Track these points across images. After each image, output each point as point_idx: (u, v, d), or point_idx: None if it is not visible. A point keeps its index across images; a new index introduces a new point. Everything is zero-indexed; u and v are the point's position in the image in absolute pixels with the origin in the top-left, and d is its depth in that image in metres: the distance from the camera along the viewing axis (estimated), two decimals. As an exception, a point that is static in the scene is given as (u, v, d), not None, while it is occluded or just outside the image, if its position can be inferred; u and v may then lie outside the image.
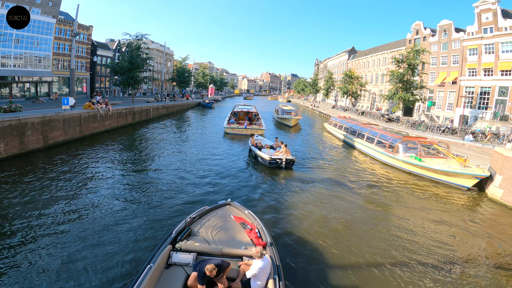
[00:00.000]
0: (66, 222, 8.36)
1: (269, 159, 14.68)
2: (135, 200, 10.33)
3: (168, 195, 10.92)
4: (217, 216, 7.16)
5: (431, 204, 11.52)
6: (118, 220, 8.66)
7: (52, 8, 37.94)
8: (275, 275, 5.09)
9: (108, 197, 10.39)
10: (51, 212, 8.90)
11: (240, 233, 6.52)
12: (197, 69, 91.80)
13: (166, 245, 5.66)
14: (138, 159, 16.48)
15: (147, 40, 41.34)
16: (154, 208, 9.71)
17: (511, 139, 19.70)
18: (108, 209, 9.44)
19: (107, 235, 7.80)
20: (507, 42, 27.93)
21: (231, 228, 6.71)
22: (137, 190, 11.35)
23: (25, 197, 9.90)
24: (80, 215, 8.90)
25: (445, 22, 35.87)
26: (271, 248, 5.85)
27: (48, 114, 17.49)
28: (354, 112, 46.55)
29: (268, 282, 5.08)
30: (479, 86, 30.64)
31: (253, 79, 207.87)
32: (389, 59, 46.03)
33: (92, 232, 7.92)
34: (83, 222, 8.42)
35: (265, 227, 6.59)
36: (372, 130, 20.76)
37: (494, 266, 7.41)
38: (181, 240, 5.99)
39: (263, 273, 5.10)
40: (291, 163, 15.04)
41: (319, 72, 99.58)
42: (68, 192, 10.61)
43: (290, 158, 14.86)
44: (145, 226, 8.43)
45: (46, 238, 7.46)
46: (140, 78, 35.33)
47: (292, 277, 6.42)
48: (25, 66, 35.34)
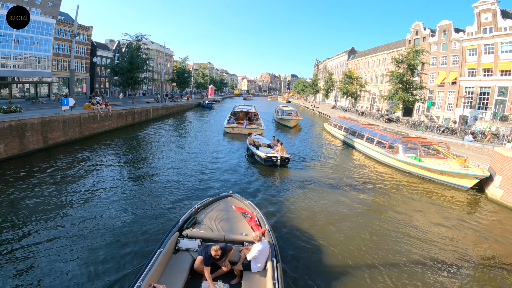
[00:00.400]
0: (74, 219, 8.40)
1: (265, 157, 15.12)
2: (139, 196, 10.56)
3: (171, 190, 11.44)
4: (220, 206, 7.79)
5: (431, 204, 11.52)
6: (125, 215, 9.01)
7: (51, 8, 37.95)
8: (273, 257, 5.65)
9: (112, 195, 10.47)
10: (55, 210, 8.91)
11: (241, 222, 7.12)
12: (197, 69, 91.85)
13: (173, 232, 6.24)
14: (139, 158, 16.48)
15: (147, 41, 41.39)
16: (158, 200, 10.35)
17: (510, 139, 19.70)
18: (114, 205, 9.62)
19: (116, 228, 8.20)
20: (507, 42, 27.96)
21: (233, 217, 7.30)
22: (140, 187, 11.58)
23: (26, 197, 9.89)
24: (87, 212, 8.97)
25: (445, 23, 35.91)
26: (269, 234, 6.40)
27: (48, 114, 17.49)
28: (354, 112, 46.54)
29: (266, 264, 5.65)
30: (479, 86, 30.68)
31: (253, 80, 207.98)
32: (388, 60, 46.05)
33: (103, 226, 8.24)
34: (90, 220, 8.47)
35: (264, 216, 7.20)
36: (372, 130, 20.76)
37: (494, 266, 7.41)
38: (187, 228, 6.59)
39: (262, 255, 5.69)
40: (286, 161, 15.45)
41: (319, 72, 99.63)
42: (71, 191, 10.61)
43: (285, 156, 15.25)
44: (151, 217, 9.02)
45: (53, 235, 7.47)
46: (140, 79, 35.31)
47: (288, 260, 7.05)
48: (25, 66, 35.34)
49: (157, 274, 5.08)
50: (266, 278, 5.35)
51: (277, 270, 5.25)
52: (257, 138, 19.72)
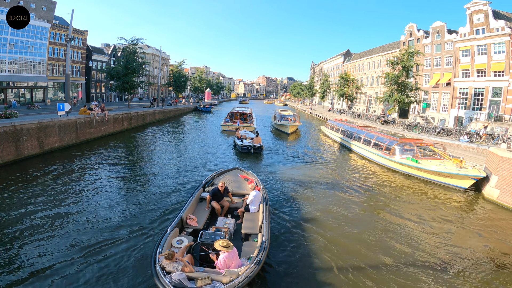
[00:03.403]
0: (71, 224, 8.31)
1: (241, 145, 19.04)
2: (142, 189, 11.03)
3: (174, 178, 13.57)
4: (230, 174, 11.13)
5: (428, 205, 11.58)
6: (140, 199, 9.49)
7: (46, 12, 37.82)
8: (264, 202, 8.44)
9: (111, 197, 10.40)
10: (53, 216, 8.83)
11: (243, 183, 10.37)
12: (193, 73, 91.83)
13: (199, 188, 9.62)
14: (137, 161, 16.43)
15: (142, 45, 41.32)
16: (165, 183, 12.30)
17: (505, 139, 19.91)
18: (119, 202, 9.54)
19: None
20: (499, 43, 28.26)
21: (238, 180, 10.59)
22: (143, 183, 12.08)
23: (22, 204, 9.77)
24: (90, 212, 8.95)
25: (438, 24, 36.25)
26: (263, 190, 9.42)
27: (43, 120, 17.36)
28: (351, 114, 46.71)
29: (260, 206, 8.40)
30: (473, 87, 31.00)
31: (250, 83, 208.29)
32: (384, 61, 46.38)
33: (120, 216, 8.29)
34: (90, 220, 8.37)
35: (260, 181, 10.38)
36: (368, 132, 20.86)
37: (491, 266, 7.46)
38: (207, 186, 10.15)
39: (256, 199, 8.49)
40: (259, 150, 19.07)
41: (315, 75, 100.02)
42: (67, 196, 10.51)
43: (257, 145, 18.80)
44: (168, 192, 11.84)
45: (52, 241, 7.39)
46: (136, 83, 35.20)
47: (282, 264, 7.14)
48: (19, 71, 35.12)
49: (190, 211, 8.18)
50: (258, 213, 8.15)
51: (266, 209, 8.00)
52: (246, 133, 22.79)
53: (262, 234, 6.76)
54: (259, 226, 7.33)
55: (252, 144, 18.67)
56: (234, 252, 5.82)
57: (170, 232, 6.58)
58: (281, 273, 6.79)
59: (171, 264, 5.27)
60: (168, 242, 6.29)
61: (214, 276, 5.25)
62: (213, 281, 5.08)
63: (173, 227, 6.88)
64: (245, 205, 8.63)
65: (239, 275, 5.20)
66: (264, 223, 7.25)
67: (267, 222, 7.34)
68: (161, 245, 6.06)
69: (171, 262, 5.28)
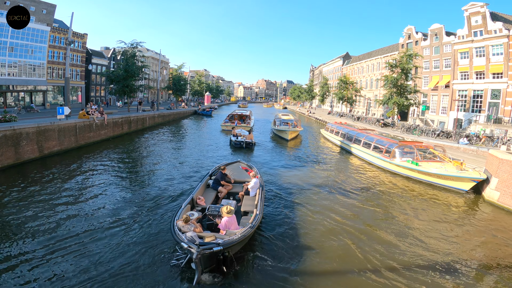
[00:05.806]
0: (74, 227, 8.26)
1: (235, 141, 22.00)
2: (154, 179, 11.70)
3: (173, 179, 14.17)
4: (233, 166, 12.92)
5: (428, 208, 11.55)
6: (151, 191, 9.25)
7: (46, 16, 37.88)
8: (260, 187, 9.92)
9: (113, 197, 10.35)
10: (52, 220, 8.76)
11: (244, 173, 12.16)
12: (193, 76, 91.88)
13: (207, 176, 11.47)
14: (140, 161, 16.47)
15: (142, 48, 41.40)
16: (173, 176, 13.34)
17: (505, 141, 19.93)
18: (120, 203, 9.49)
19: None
20: (497, 45, 28.35)
21: (240, 171, 12.44)
22: (147, 180, 12.30)
23: (21, 208, 9.72)
24: (90, 214, 8.85)
25: (436, 26, 36.42)
26: (260, 178, 10.91)
27: (43, 124, 17.34)
28: (350, 117, 46.76)
29: (257, 191, 9.84)
30: (472, 89, 31.07)
31: (249, 86, 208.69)
32: (382, 64, 46.54)
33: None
34: (99, 220, 8.33)
35: (259, 172, 12.02)
36: (368, 135, 20.85)
37: (492, 268, 7.43)
38: (213, 175, 11.84)
39: (255, 186, 10.07)
40: (250, 145, 21.84)
41: (315, 78, 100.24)
42: (67, 201, 10.45)
43: (248, 141, 21.67)
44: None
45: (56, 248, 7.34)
46: (136, 87, 35.20)
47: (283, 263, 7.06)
48: (19, 74, 35.07)
49: (200, 193, 9.91)
50: (255, 197, 9.68)
51: (261, 193, 9.65)
52: (241, 131, 24.89)
53: (257, 209, 8.39)
54: (256, 204, 8.90)
55: (244, 140, 21.80)
56: (234, 218, 7.51)
57: (184, 207, 8.21)
58: (272, 238, 8.56)
59: (186, 226, 6.95)
60: (182, 214, 7.80)
61: (217, 235, 6.93)
62: (216, 238, 6.62)
63: (186, 204, 8.52)
64: (245, 189, 10.34)
65: (236, 234, 6.80)
66: (259, 202, 8.88)
67: (261, 202, 9.08)
68: (177, 215, 7.70)
69: (186, 225, 6.98)
